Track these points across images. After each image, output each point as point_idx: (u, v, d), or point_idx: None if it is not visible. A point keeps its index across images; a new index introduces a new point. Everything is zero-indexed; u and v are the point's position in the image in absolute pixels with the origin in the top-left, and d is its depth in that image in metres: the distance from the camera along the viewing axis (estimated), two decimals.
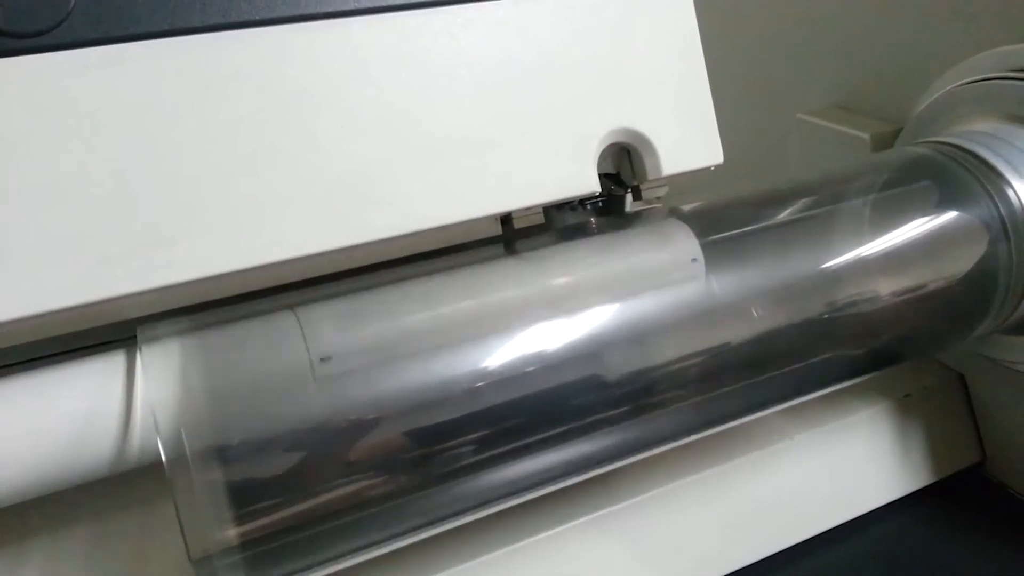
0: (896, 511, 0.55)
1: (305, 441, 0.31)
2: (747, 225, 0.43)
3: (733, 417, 0.45)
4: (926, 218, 0.45)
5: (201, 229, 0.31)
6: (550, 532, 0.44)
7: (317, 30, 0.33)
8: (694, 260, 0.39)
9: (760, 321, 0.41)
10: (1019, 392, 0.54)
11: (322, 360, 0.32)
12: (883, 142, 0.56)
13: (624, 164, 0.41)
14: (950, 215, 0.45)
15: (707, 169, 0.41)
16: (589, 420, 0.37)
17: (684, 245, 0.39)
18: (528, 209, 0.38)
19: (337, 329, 0.33)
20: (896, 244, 0.44)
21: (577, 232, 0.41)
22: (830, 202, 0.46)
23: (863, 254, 0.43)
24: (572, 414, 0.36)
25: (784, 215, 0.44)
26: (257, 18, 0.32)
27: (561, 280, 0.38)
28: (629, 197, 0.42)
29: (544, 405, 0.36)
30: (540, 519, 0.45)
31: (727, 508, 0.50)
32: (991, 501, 0.57)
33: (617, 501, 0.47)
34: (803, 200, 0.45)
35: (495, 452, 0.35)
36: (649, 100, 0.39)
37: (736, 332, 0.41)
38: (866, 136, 0.56)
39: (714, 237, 0.41)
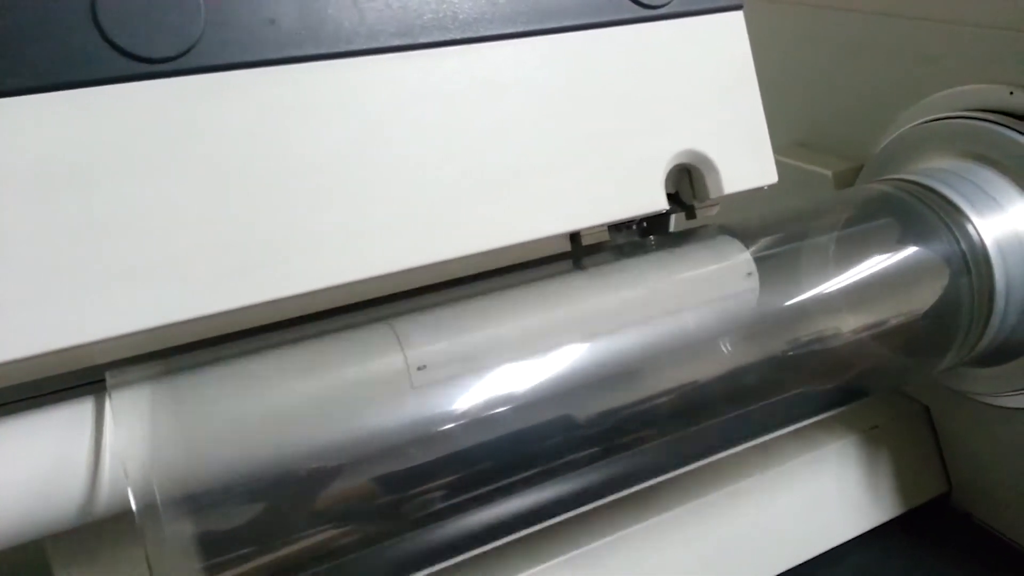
0: (866, 544, 0.56)
1: (279, 488, 0.30)
2: None
3: (705, 455, 0.45)
4: (889, 254, 0.46)
5: (311, 246, 0.33)
6: (526, 573, 0.44)
7: (412, 59, 0.35)
8: (749, 274, 0.42)
9: (730, 357, 0.42)
10: (983, 422, 0.55)
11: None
12: (845, 179, 0.57)
13: (684, 184, 0.43)
14: (913, 251, 0.46)
15: (761, 188, 0.43)
16: (565, 459, 0.37)
17: (739, 259, 0.43)
18: (601, 226, 0.41)
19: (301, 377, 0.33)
20: (861, 280, 0.45)
21: (639, 248, 0.44)
22: (795, 239, 0.46)
23: (829, 290, 0.44)
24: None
25: (751, 251, 0.44)
26: (362, 48, 0.34)
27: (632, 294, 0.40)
28: (673, 217, 0.44)
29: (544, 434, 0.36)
30: (515, 560, 0.45)
31: (700, 544, 0.50)
32: (957, 531, 0.58)
33: (591, 540, 0.47)
34: (768, 237, 0.46)
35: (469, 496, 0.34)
36: (711, 123, 0.41)
37: (707, 368, 0.41)
38: (828, 173, 0.57)
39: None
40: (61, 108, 0.29)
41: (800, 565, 0.53)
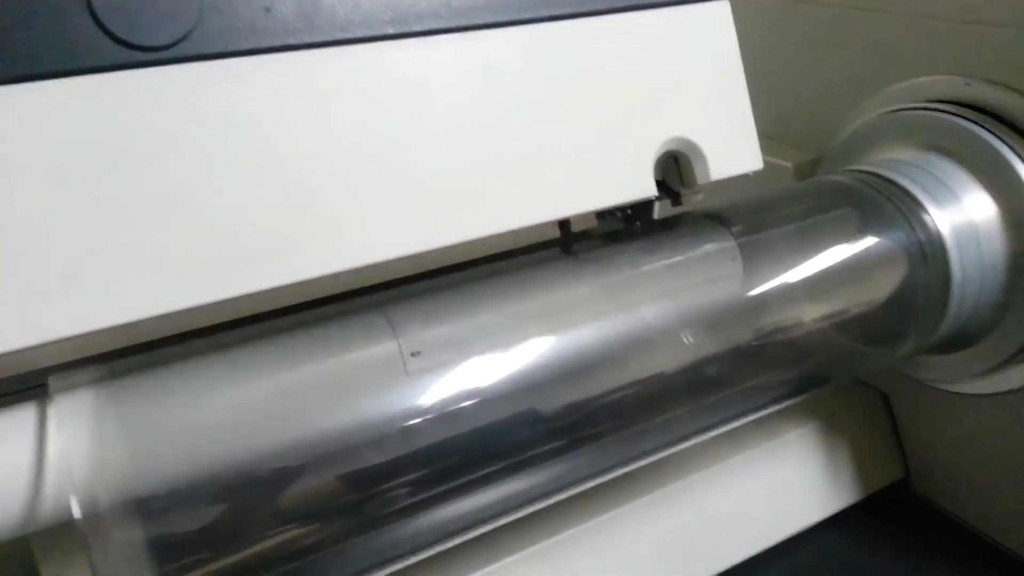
0: (826, 530, 0.56)
1: (233, 490, 0.30)
2: None
3: (674, 443, 0.45)
4: (848, 245, 0.46)
5: (303, 235, 0.33)
6: (488, 569, 0.44)
7: (406, 48, 0.35)
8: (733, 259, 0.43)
9: (692, 348, 0.42)
10: (939, 409, 0.56)
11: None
12: (805, 171, 0.57)
13: (671, 171, 0.43)
14: (871, 241, 0.46)
15: (747, 175, 0.44)
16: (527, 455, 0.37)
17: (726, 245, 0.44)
18: (591, 213, 0.41)
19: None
20: (823, 270, 0.45)
21: (628, 235, 0.44)
22: (755, 231, 0.46)
23: (790, 280, 0.44)
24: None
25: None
26: (358, 36, 0.34)
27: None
28: (657, 205, 0.44)
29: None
30: (477, 554, 0.44)
31: (664, 533, 0.50)
32: (915, 516, 0.59)
33: (553, 533, 0.47)
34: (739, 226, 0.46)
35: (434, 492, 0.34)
36: (699, 111, 0.42)
37: (670, 360, 0.41)
38: (789, 165, 0.58)
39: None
40: (55, 96, 0.29)
41: (762, 552, 0.54)
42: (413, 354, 0.34)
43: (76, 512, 0.27)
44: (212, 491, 0.29)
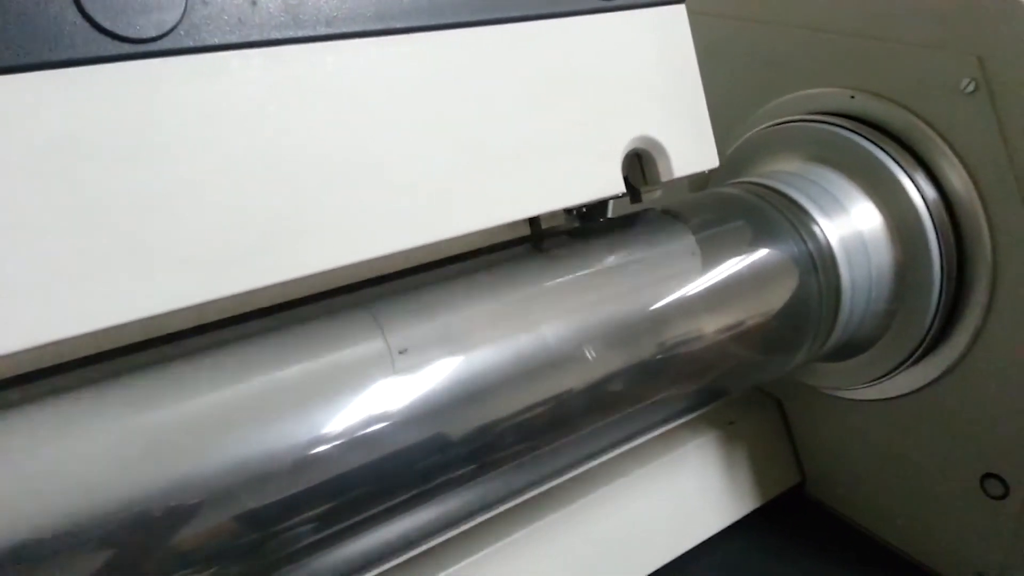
0: (728, 538, 0.57)
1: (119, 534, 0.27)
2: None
3: (579, 463, 0.44)
4: (741, 257, 0.46)
5: (284, 234, 0.32)
6: None
7: (385, 45, 0.35)
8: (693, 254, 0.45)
9: (595, 365, 0.41)
10: (831, 414, 0.57)
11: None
12: (699, 182, 0.58)
13: (634, 170, 0.44)
14: (764, 252, 0.47)
15: (703, 173, 0.45)
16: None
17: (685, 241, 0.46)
18: (560, 210, 0.42)
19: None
20: (716, 283, 0.45)
21: (597, 231, 0.45)
22: (650, 244, 0.46)
23: (687, 294, 0.44)
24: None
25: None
26: (342, 31, 0.34)
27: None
28: (611, 203, 0.46)
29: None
30: None
31: (572, 550, 0.50)
32: (811, 519, 0.60)
33: (465, 556, 0.46)
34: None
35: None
36: (661, 110, 0.43)
37: (573, 378, 0.40)
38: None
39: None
40: (38, 88, 0.28)
41: (667, 564, 0.54)
42: (401, 352, 0.34)
43: None
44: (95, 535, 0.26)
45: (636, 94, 0.42)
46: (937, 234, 0.46)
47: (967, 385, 0.48)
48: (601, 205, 0.45)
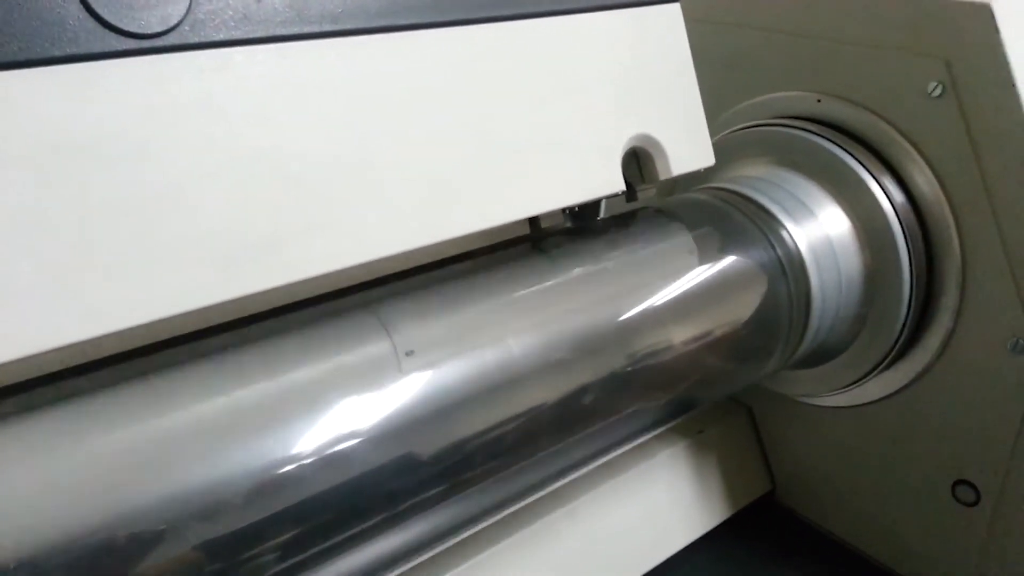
0: (700, 549, 0.56)
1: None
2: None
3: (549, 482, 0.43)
4: (710, 264, 0.45)
5: (295, 231, 0.32)
6: None
7: (387, 42, 0.35)
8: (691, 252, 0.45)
9: (564, 377, 0.40)
10: (800, 421, 0.57)
11: None
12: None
13: (632, 169, 0.44)
14: (733, 259, 0.46)
15: (699, 172, 0.45)
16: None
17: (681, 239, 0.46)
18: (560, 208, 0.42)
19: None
20: (685, 291, 0.44)
21: (597, 231, 0.46)
22: (617, 252, 0.45)
23: (655, 303, 0.43)
24: None
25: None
26: (342, 28, 0.34)
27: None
28: (604, 202, 0.46)
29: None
30: None
31: (539, 570, 0.49)
32: (782, 527, 0.59)
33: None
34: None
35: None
36: (659, 109, 0.43)
37: (544, 391, 0.39)
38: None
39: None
40: (42, 84, 0.27)
41: None
42: (408, 353, 0.34)
43: None
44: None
45: (634, 92, 0.42)
46: (906, 238, 0.46)
47: (938, 390, 0.48)
48: (595, 204, 0.45)
